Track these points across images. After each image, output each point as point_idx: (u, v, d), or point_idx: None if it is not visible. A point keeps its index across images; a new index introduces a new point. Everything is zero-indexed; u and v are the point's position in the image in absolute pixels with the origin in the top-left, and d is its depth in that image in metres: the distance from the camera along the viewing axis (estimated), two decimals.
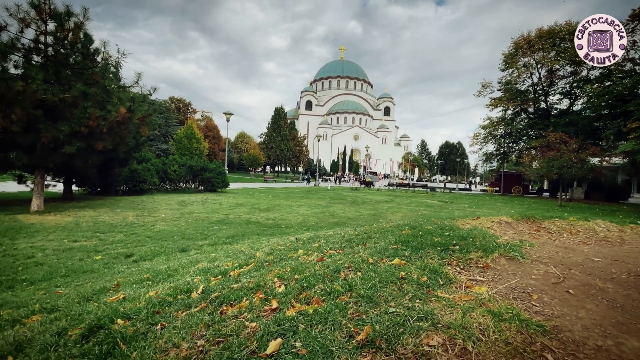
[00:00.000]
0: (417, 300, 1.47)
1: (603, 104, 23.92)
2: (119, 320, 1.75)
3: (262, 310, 1.53)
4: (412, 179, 67.43)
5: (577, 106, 29.70)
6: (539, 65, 29.82)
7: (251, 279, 2.11)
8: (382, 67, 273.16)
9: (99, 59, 11.50)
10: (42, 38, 10.55)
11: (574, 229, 4.29)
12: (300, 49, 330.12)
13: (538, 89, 31.27)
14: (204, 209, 13.00)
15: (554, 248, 2.66)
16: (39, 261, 6.01)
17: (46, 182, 12.03)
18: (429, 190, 33.21)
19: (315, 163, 55.23)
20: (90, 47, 11.33)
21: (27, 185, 13.77)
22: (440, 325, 1.23)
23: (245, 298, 1.76)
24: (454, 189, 39.87)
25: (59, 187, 14.91)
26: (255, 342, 1.20)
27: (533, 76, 31.01)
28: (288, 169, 64.11)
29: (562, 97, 30.85)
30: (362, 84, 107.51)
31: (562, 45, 27.40)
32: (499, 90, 32.39)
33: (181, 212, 11.82)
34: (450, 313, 1.33)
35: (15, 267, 5.67)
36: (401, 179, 63.58)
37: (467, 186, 52.58)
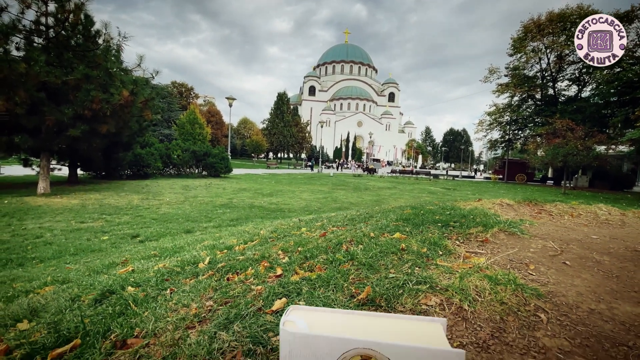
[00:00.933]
0: (417, 268, 1.52)
1: (612, 90, 23.47)
2: (130, 288, 1.82)
3: (267, 276, 1.59)
4: (416, 167, 67.19)
5: (586, 93, 29.15)
6: (548, 50, 29.10)
7: (256, 251, 2.17)
8: (387, 51, 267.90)
9: (100, 41, 11.38)
10: (42, 19, 10.44)
11: (576, 212, 4.30)
12: (304, 32, 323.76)
13: (546, 74, 30.63)
14: (207, 193, 13.13)
15: (554, 227, 2.69)
16: (47, 241, 6.16)
17: (51, 166, 12.15)
18: (432, 177, 33.15)
19: (318, 150, 55.07)
20: (91, 29, 11.20)
21: (33, 169, 13.93)
22: (438, 288, 1.28)
23: (250, 267, 1.82)
24: (457, 176, 39.75)
25: (64, 171, 15.07)
26: (261, 301, 1.26)
27: (542, 61, 30.32)
28: (291, 155, 64.02)
29: (571, 83, 30.23)
30: (366, 69, 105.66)
31: (572, 29, 26.63)
32: (506, 76, 31.79)
33: (185, 196, 11.95)
34: (449, 278, 1.38)
35: (25, 246, 5.82)
36: (404, 166, 63.41)
37: (473, 174, 52.33)
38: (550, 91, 30.99)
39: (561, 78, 30.36)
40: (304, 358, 0.47)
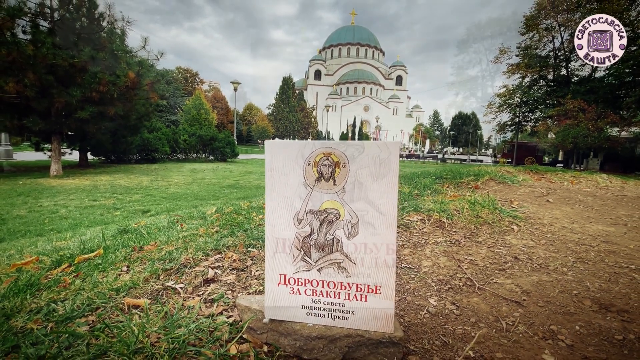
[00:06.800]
0: (405, 202, 1.63)
1: (627, 70, 22.68)
2: (143, 231, 1.98)
3: None
4: (423, 151, 66.74)
5: (600, 73, 28.17)
6: (562, 28, 28.04)
7: (259, 204, 2.31)
8: (395, 33, 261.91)
9: (104, 23, 11.44)
10: (47, 1, 10.50)
11: (576, 180, 4.35)
12: (310, 15, 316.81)
13: (559, 54, 29.61)
14: (214, 175, 13.36)
15: (547, 184, 2.77)
16: (63, 216, 6.45)
17: (62, 150, 12.46)
18: (439, 161, 33.03)
19: (324, 135, 54.84)
20: (95, 12, 11.25)
21: (45, 153, 14.31)
22: (421, 209, 1.39)
23: (254, 212, 1.96)
24: (465, 160, 39.51)
25: (75, 156, 15.44)
26: (262, 222, 1.39)
27: (555, 40, 29.27)
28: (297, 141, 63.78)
29: (585, 62, 29.25)
30: (373, 51, 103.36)
31: (587, 5, 25.57)
32: (517, 56, 30.81)
33: (193, 178, 12.20)
34: (433, 204, 1.49)
35: (42, 220, 6.11)
36: (410, 151, 63.08)
37: (492, 157, 52.00)
38: (563, 71, 30.03)
39: (575, 57, 29.29)
40: (282, 159, 0.59)
